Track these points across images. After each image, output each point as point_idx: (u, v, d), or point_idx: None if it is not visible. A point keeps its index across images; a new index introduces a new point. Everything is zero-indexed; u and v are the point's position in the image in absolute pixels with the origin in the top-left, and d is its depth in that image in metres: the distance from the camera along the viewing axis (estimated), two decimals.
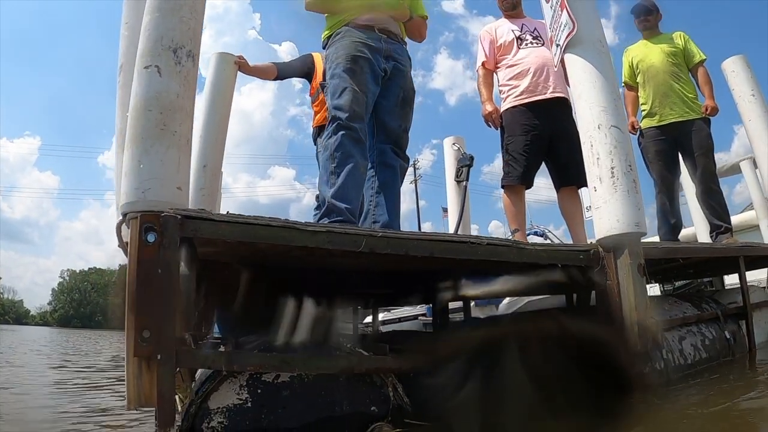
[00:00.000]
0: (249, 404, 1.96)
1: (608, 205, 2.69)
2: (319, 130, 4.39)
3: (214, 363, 1.93)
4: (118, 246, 2.26)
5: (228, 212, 2.04)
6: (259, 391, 1.99)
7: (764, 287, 5.01)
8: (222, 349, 2.02)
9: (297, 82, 4.72)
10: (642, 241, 2.80)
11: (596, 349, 2.52)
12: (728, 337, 3.55)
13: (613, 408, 2.43)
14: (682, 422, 2.28)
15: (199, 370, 2.16)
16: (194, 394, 1.95)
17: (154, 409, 1.77)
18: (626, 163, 2.73)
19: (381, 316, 7.00)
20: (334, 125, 3.00)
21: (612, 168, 2.71)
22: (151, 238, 1.81)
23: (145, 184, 1.89)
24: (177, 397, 2.01)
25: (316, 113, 4.50)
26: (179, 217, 1.84)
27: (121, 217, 1.96)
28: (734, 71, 4.87)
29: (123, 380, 1.84)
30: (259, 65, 4.39)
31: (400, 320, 9.83)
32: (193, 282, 2.36)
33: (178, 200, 1.94)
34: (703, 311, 3.55)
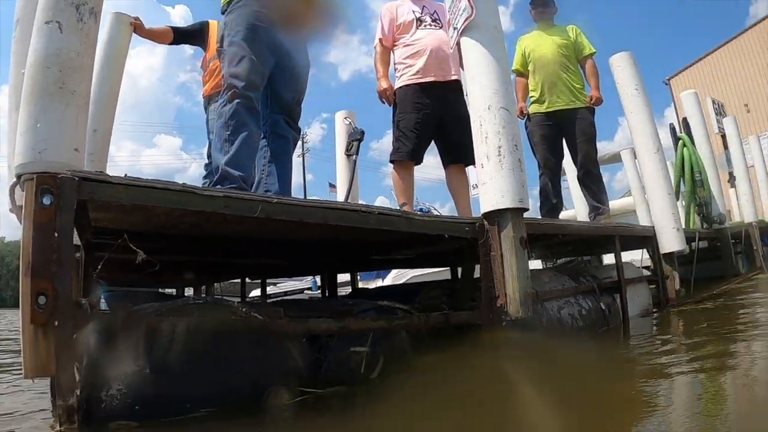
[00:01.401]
0: (147, 370, 1.92)
1: (494, 181, 2.85)
2: (209, 100, 4.36)
3: (111, 326, 1.89)
4: (10, 210, 2.18)
5: (126, 175, 2.00)
6: (156, 356, 1.95)
7: (640, 267, 5.42)
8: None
9: (189, 48, 4.63)
10: (524, 216, 2.99)
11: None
12: (604, 308, 3.84)
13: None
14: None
15: (95, 339, 2.13)
16: (92, 360, 1.88)
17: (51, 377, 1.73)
18: (512, 143, 2.90)
19: (267, 290, 6.99)
20: (229, 93, 2.99)
21: (499, 147, 2.87)
22: (47, 200, 1.74)
23: (41, 144, 1.82)
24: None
25: (205, 82, 4.45)
26: (77, 179, 1.78)
27: (14, 179, 1.89)
28: (620, 66, 5.16)
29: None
30: (155, 28, 4.28)
31: (286, 294, 9.83)
32: (83, 250, 2.33)
33: (75, 162, 1.87)
34: (581, 284, 3.83)
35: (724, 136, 10.08)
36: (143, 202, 1.94)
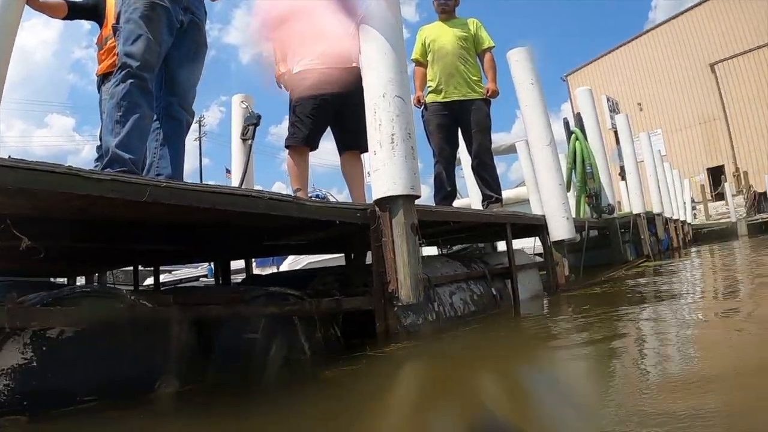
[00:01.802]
0: (34, 363, 1.85)
1: (386, 168, 2.89)
2: (103, 78, 4.17)
3: None
4: None
5: (9, 156, 1.88)
6: (44, 349, 1.89)
7: (532, 254, 5.66)
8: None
9: (87, 23, 4.39)
10: (416, 204, 3.05)
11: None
12: (495, 293, 3.99)
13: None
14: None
15: None
16: None
17: None
18: (406, 131, 2.95)
19: (162, 278, 6.78)
20: (123, 72, 2.86)
21: (392, 134, 2.91)
22: None
23: None
24: None
25: (101, 61, 4.26)
26: None
27: None
28: (518, 60, 5.33)
29: None
30: (48, 1, 4.04)
31: (181, 281, 9.61)
32: None
33: None
34: (473, 270, 3.95)
35: (617, 132, 10.62)
36: (28, 186, 1.82)
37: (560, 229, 4.96)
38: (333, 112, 4.01)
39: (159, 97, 3.17)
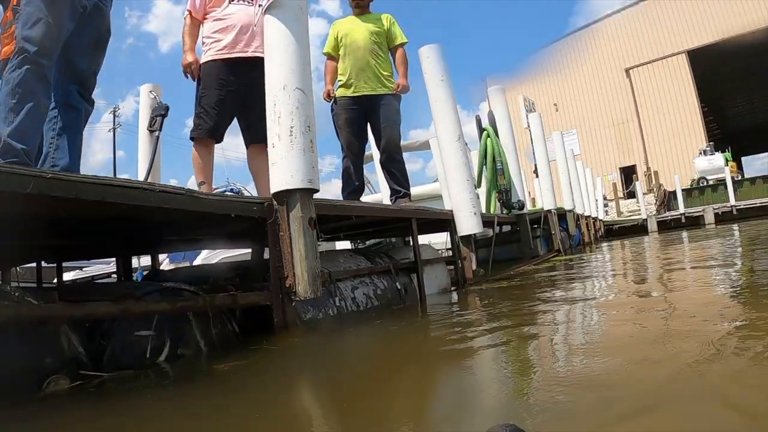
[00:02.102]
0: None
1: (284, 161, 2.86)
2: (4, 64, 3.96)
3: None
4: None
5: None
6: None
7: (443, 248, 5.75)
8: None
9: None
10: (315, 198, 3.03)
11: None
12: (400, 287, 4.02)
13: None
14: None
15: None
16: None
17: None
18: (306, 124, 2.93)
19: (72, 275, 6.51)
20: (20, 58, 2.72)
21: (291, 127, 2.88)
22: None
23: None
24: None
25: (4, 45, 4.03)
26: None
27: None
28: (428, 57, 5.40)
29: None
30: None
31: (93, 279, 9.27)
32: None
33: None
34: (377, 264, 3.97)
35: (531, 131, 10.94)
36: None
37: (468, 224, 5.05)
38: (239, 103, 3.94)
39: (57, 85, 3.03)
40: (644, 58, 33.58)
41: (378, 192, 8.58)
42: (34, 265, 6.06)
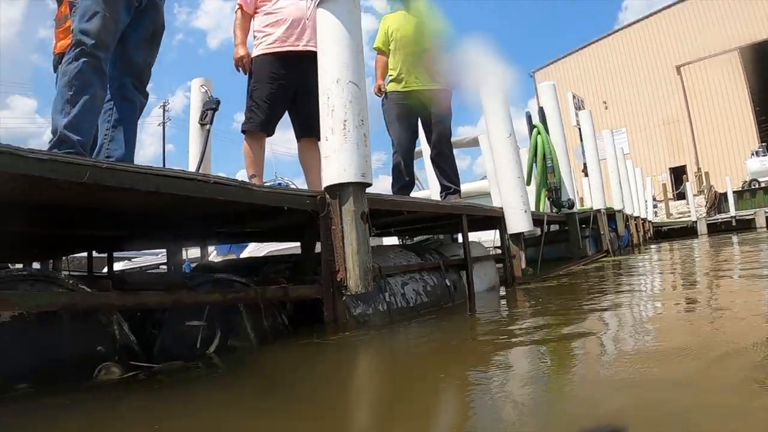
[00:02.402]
0: None
1: (337, 154, 2.85)
2: (60, 58, 4.05)
3: None
4: None
5: None
6: None
7: (492, 246, 5.68)
8: None
9: (52, 2, 4.26)
10: (370, 192, 3.01)
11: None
12: (449, 284, 3.96)
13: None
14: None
15: None
16: None
17: None
18: (359, 118, 2.90)
19: (121, 265, 6.64)
20: (77, 50, 2.77)
21: (345, 120, 2.86)
22: None
23: None
24: None
25: (59, 39, 4.13)
26: None
27: None
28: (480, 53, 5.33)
29: None
30: None
31: (141, 269, 9.44)
32: None
33: None
34: (427, 261, 3.93)
35: (581, 129, 10.74)
36: None
37: (518, 222, 4.98)
38: (290, 97, 3.96)
39: (113, 78, 3.09)
40: (695, 55, 32.62)
41: (426, 188, 8.53)
42: (83, 255, 6.23)
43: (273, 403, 1.77)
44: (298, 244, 5.81)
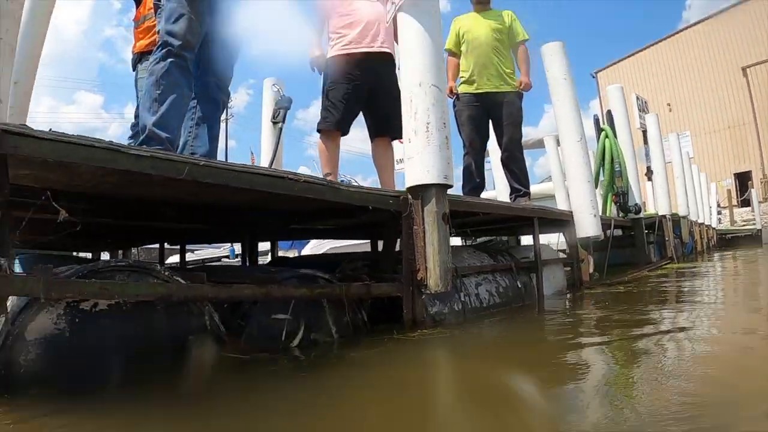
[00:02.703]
0: (67, 334, 1.88)
1: (420, 156, 2.91)
2: (140, 57, 4.21)
3: (31, 290, 1.80)
4: None
5: (50, 129, 1.91)
6: (76, 320, 1.91)
7: (557, 249, 5.64)
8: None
9: (117, 2, 4.42)
10: (447, 193, 3.06)
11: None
12: (520, 286, 4.00)
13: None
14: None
15: (12, 301, 2.05)
16: (10, 324, 1.82)
17: None
18: (441, 121, 2.97)
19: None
20: (164, 51, 2.90)
21: (428, 123, 2.93)
22: None
23: None
24: None
25: (138, 39, 4.30)
26: None
27: None
28: (551, 55, 5.31)
29: None
30: None
31: (204, 262, 9.66)
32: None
33: None
34: (499, 262, 3.97)
35: (645, 132, 10.52)
36: (68, 159, 1.84)
37: (587, 226, 4.96)
38: (365, 97, 4.02)
39: (196, 77, 3.21)
40: (762, 56, 31.30)
41: (491, 189, 8.52)
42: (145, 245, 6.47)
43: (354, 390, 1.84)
44: (362, 241, 5.92)
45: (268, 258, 5.58)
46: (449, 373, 2.30)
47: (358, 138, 4.13)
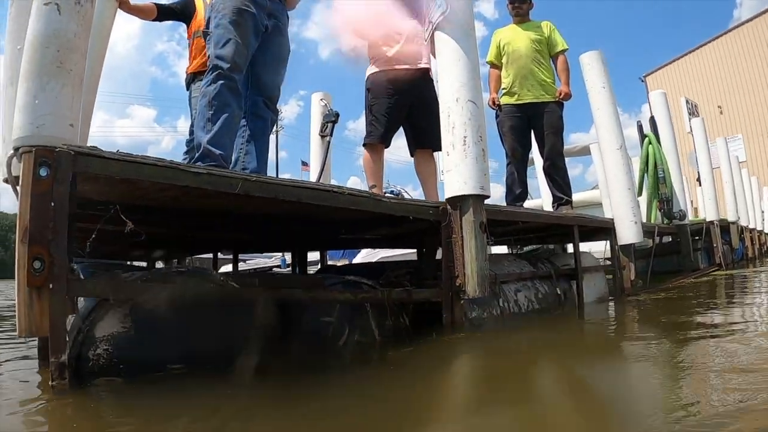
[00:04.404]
0: (132, 332, 2.05)
1: (458, 168, 3.06)
2: (193, 77, 4.45)
3: (102, 292, 2.04)
4: (4, 180, 2.25)
5: (118, 150, 2.11)
6: (141, 319, 2.09)
7: (602, 257, 5.68)
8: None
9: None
10: (487, 203, 3.19)
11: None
12: (560, 293, 4.08)
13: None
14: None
15: (82, 301, 2.26)
16: (81, 322, 2.03)
17: (41, 338, 1.85)
18: (477, 134, 3.10)
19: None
20: (214, 74, 3.10)
21: (465, 137, 3.07)
22: (43, 172, 1.84)
23: (39, 119, 1.92)
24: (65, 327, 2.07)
25: (192, 59, 4.54)
26: (73, 152, 1.89)
27: (12, 151, 1.98)
28: (590, 64, 5.35)
29: None
30: (139, 4, 4.30)
31: (255, 271, 9.87)
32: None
33: (70, 137, 1.98)
34: (539, 270, 4.06)
35: (694, 137, 10.37)
36: (134, 177, 2.06)
37: (628, 233, 4.98)
38: (406, 111, 4.16)
39: (246, 97, 3.41)
40: None
41: (537, 198, 8.56)
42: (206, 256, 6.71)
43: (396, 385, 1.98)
44: (410, 250, 6.05)
45: (318, 267, 5.75)
46: (479, 370, 2.44)
47: (404, 148, 4.25)
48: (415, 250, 4.83)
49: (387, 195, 3.36)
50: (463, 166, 3.05)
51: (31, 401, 1.86)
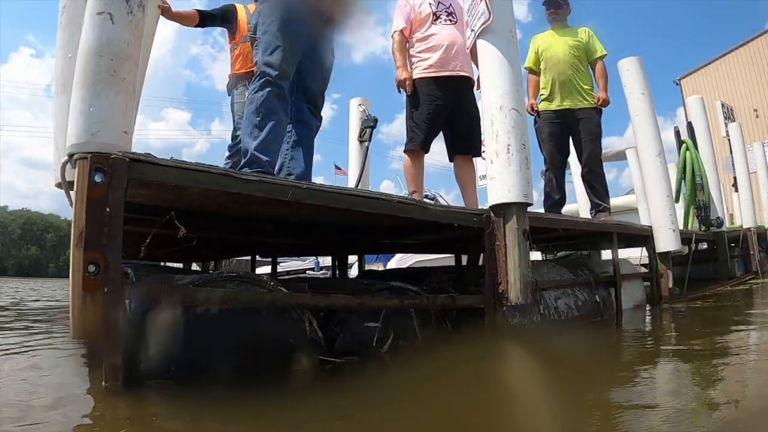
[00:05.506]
0: (182, 334, 2.10)
1: (502, 176, 3.09)
2: (236, 81, 4.53)
3: (156, 296, 2.10)
4: (56, 185, 2.34)
5: (172, 158, 2.17)
6: (191, 321, 2.13)
7: (638, 264, 5.65)
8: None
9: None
10: (528, 210, 3.22)
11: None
12: (599, 300, 4.09)
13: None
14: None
15: (138, 305, 2.34)
16: (133, 325, 2.06)
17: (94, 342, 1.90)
18: (521, 143, 3.13)
19: (268, 269, 7.16)
20: (262, 80, 3.17)
21: (508, 145, 3.10)
22: (98, 178, 1.89)
23: (94, 126, 1.98)
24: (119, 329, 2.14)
25: (235, 62, 4.63)
26: (128, 159, 1.95)
27: (66, 157, 2.04)
28: (629, 70, 5.34)
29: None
30: (182, 11, 4.41)
31: (288, 273, 9.91)
32: None
33: (123, 143, 2.05)
34: (578, 276, 4.07)
35: (731, 141, 10.22)
36: (187, 183, 2.12)
37: (666, 241, 4.96)
38: (445, 117, 4.21)
39: (291, 103, 3.47)
40: None
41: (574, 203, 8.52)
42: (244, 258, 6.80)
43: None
44: (442, 255, 6.07)
45: (352, 270, 5.81)
46: (522, 373, 2.49)
47: (441, 152, 4.29)
48: (451, 255, 4.85)
49: (427, 201, 3.41)
50: (506, 174, 3.08)
51: (84, 401, 1.91)
